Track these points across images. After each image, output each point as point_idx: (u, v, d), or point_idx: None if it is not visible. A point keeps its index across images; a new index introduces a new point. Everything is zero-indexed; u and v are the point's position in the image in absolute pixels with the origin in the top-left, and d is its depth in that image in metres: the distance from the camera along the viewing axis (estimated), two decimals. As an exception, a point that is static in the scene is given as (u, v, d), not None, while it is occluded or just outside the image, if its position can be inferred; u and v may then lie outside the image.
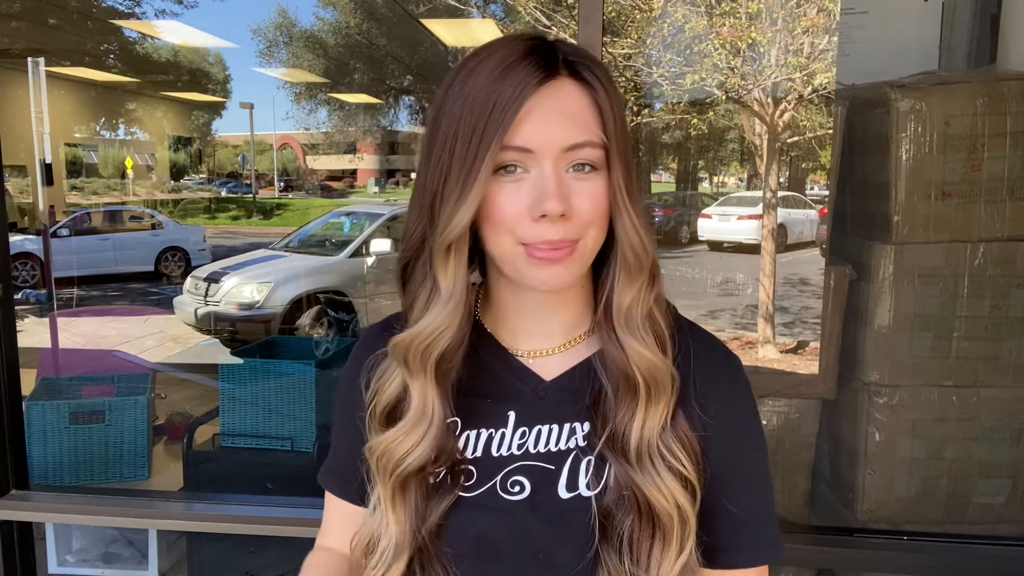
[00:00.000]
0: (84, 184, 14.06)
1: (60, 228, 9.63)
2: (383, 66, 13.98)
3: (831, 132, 1.87)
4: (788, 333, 2.10)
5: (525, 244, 0.68)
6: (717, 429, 0.74)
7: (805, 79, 2.03)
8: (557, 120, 0.67)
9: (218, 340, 6.29)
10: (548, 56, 0.68)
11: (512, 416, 0.76)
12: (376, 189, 20.55)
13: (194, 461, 2.34)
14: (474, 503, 0.74)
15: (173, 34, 13.11)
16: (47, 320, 4.78)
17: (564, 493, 0.73)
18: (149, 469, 2.45)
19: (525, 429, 0.75)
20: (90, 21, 10.71)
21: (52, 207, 9.02)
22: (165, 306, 7.69)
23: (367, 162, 21.17)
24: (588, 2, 1.47)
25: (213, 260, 8.78)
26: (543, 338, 0.77)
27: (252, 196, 18.23)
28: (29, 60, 6.27)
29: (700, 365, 0.75)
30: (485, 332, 0.79)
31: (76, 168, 14.17)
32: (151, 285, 9.82)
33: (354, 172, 21.82)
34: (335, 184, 21.15)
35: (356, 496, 0.82)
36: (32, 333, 5.60)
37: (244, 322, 6.32)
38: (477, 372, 0.76)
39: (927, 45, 2.00)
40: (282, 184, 20.52)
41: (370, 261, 6.70)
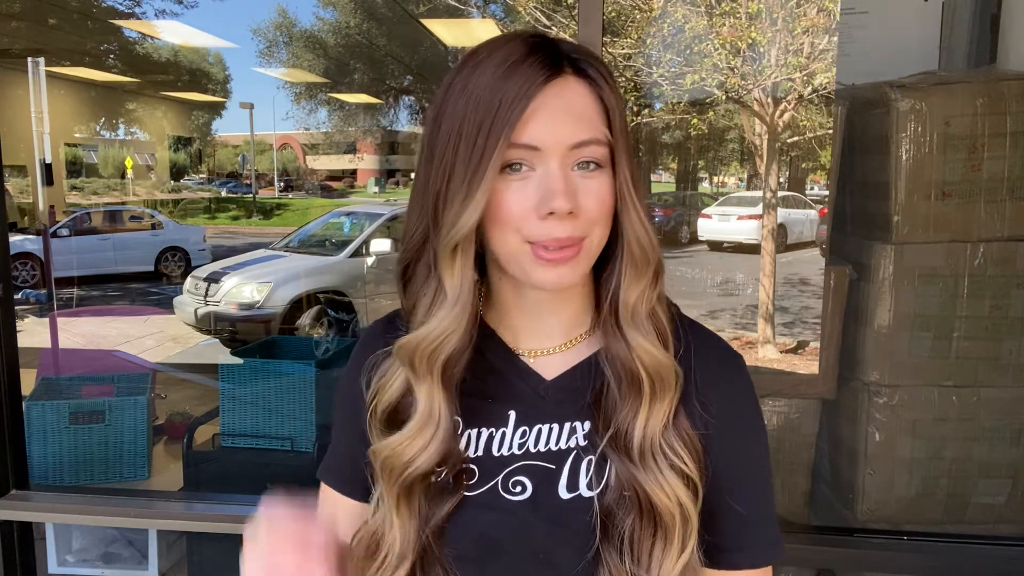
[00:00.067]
0: (84, 184, 14.05)
1: (60, 228, 9.63)
2: (383, 66, 13.97)
3: (831, 132, 1.87)
4: (788, 333, 2.09)
5: (531, 242, 0.67)
6: (719, 427, 0.73)
7: (805, 79, 2.02)
8: (563, 118, 0.66)
9: (218, 340, 6.29)
10: (552, 54, 0.68)
11: (513, 415, 0.75)
12: (376, 189, 20.54)
13: (194, 461, 2.34)
14: (476, 503, 0.73)
15: (173, 34, 13.10)
16: (47, 320, 4.77)
17: (564, 493, 0.72)
18: (149, 469, 2.45)
19: (525, 428, 0.75)
20: (90, 21, 10.71)
21: (52, 207, 9.01)
22: (165, 306, 7.69)
23: (367, 162, 21.17)
24: (588, 2, 1.47)
25: (213, 260, 8.78)
26: (544, 337, 0.77)
27: (252, 196, 18.23)
28: (29, 60, 6.27)
29: (702, 362, 0.75)
30: (489, 331, 0.78)
31: (76, 168, 14.17)
32: (151, 285, 9.82)
33: (354, 172, 21.81)
34: (335, 184, 21.14)
35: (356, 492, 0.81)
36: (32, 333, 5.60)
37: (244, 322, 6.32)
38: (479, 371, 0.75)
39: (927, 45, 2.00)
40: (282, 184, 20.50)
41: (370, 261, 6.69)
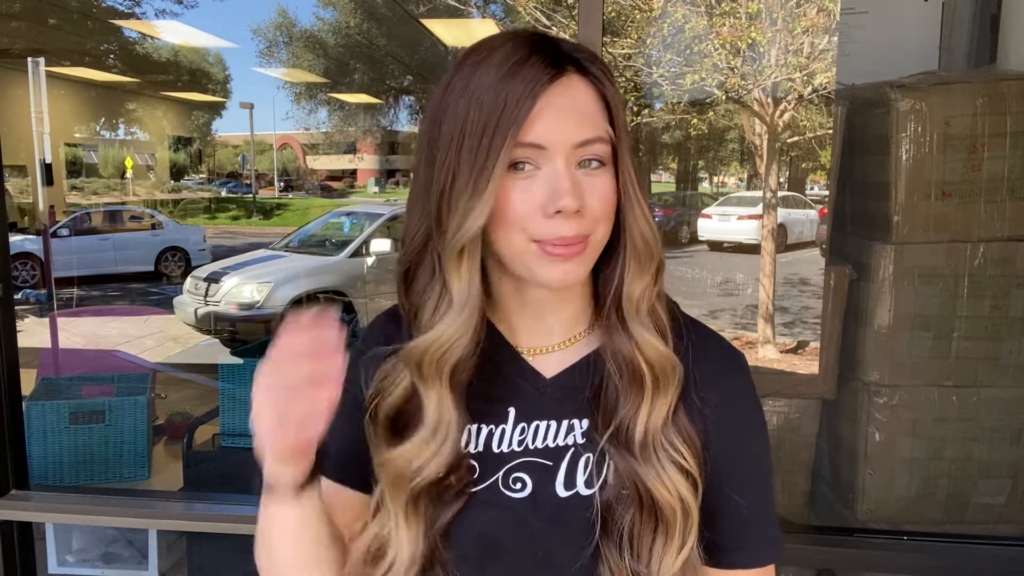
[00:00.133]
0: (84, 184, 14.06)
1: (60, 228, 9.63)
2: (383, 66, 13.98)
3: (831, 132, 1.87)
4: (788, 333, 2.09)
5: (537, 241, 0.67)
6: (718, 424, 0.73)
7: (805, 79, 2.02)
8: (568, 117, 0.67)
9: (218, 340, 6.29)
10: (554, 53, 0.68)
11: (512, 412, 0.75)
12: (376, 189, 20.55)
13: (194, 461, 2.34)
14: (477, 500, 0.73)
15: (173, 34, 13.13)
16: (47, 320, 4.77)
17: (562, 491, 0.72)
18: (149, 469, 2.45)
19: (524, 425, 0.75)
20: (90, 21, 10.72)
21: (52, 207, 9.02)
22: (165, 306, 7.69)
23: (367, 162, 21.19)
24: (588, 2, 1.47)
25: (213, 260, 8.79)
26: (544, 336, 0.77)
27: (252, 196, 18.23)
28: (29, 60, 6.28)
29: (703, 360, 0.75)
30: (492, 329, 0.78)
31: (76, 168, 14.18)
32: (151, 285, 9.82)
33: (354, 172, 21.83)
34: (335, 184, 21.16)
35: (354, 482, 0.80)
36: (32, 333, 5.60)
37: (244, 322, 6.32)
38: (481, 369, 0.75)
39: (927, 45, 2.00)
40: (282, 184, 20.51)
41: (370, 261, 6.70)
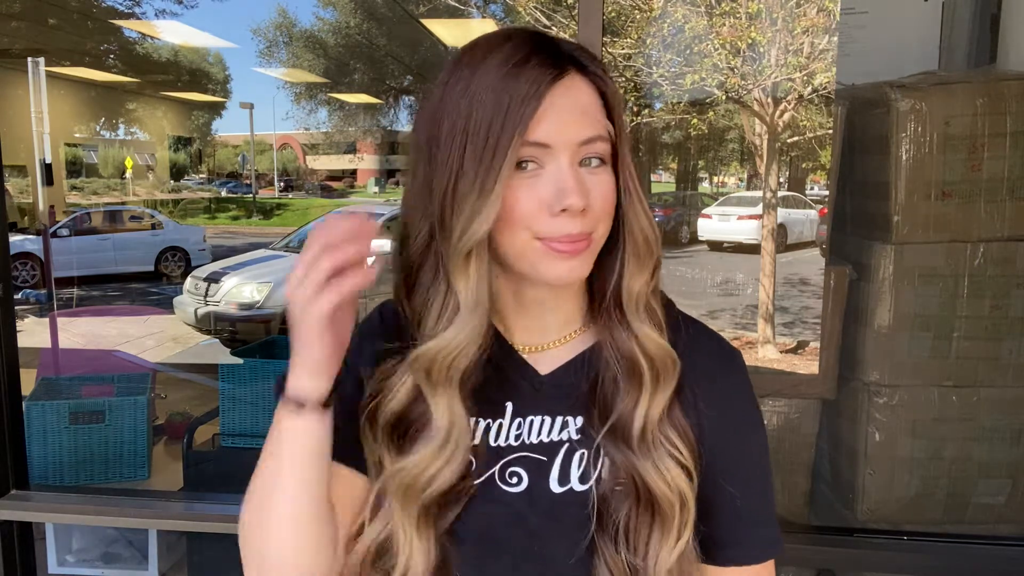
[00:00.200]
0: (84, 184, 14.07)
1: (60, 228, 9.63)
2: (383, 66, 13.98)
3: (831, 132, 1.87)
4: (788, 333, 2.10)
5: (541, 239, 0.68)
6: (714, 420, 0.74)
7: (805, 79, 2.02)
8: (572, 115, 0.67)
9: (218, 340, 6.29)
10: (555, 52, 0.68)
11: (510, 407, 0.76)
12: (376, 189, 20.55)
13: (194, 461, 2.34)
14: (475, 496, 0.73)
15: (173, 34, 13.12)
16: (47, 320, 4.77)
17: (556, 487, 0.73)
18: (149, 469, 2.45)
19: (520, 420, 0.75)
20: (90, 21, 10.72)
21: (52, 207, 9.02)
22: (165, 306, 7.70)
23: (367, 162, 21.19)
24: (588, 2, 1.47)
25: (213, 260, 8.79)
26: (540, 333, 0.77)
27: (252, 196, 18.24)
28: (29, 60, 6.28)
29: (699, 357, 0.75)
30: (489, 326, 0.77)
31: (76, 168, 14.18)
32: (151, 285, 9.82)
33: (354, 172, 21.84)
34: (335, 184, 21.17)
35: (352, 461, 0.77)
36: (32, 333, 5.60)
37: (244, 322, 6.32)
38: (480, 366, 0.74)
39: (927, 45, 2.00)
40: (282, 184, 20.52)
41: (370, 261, 6.69)
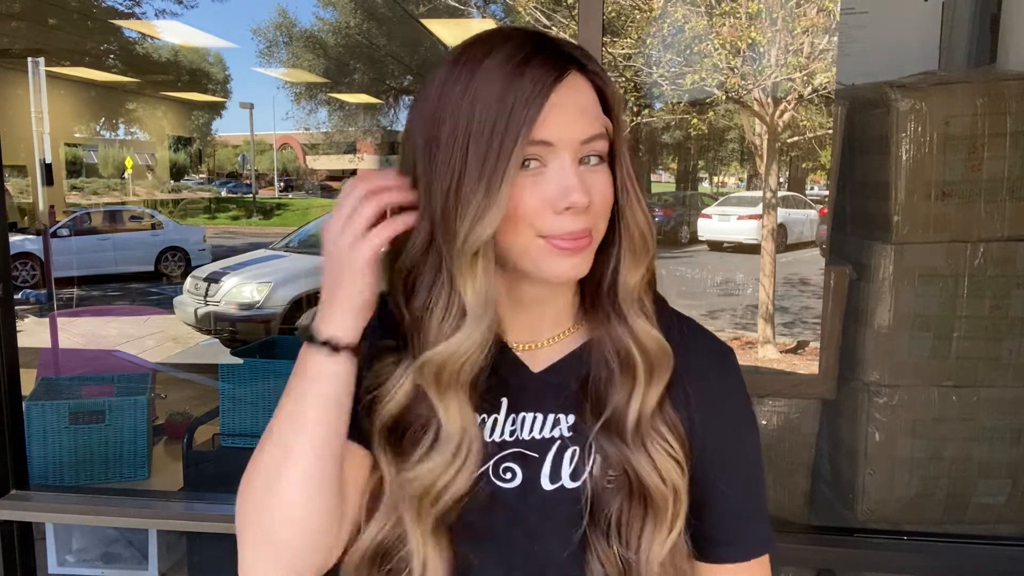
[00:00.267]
0: (84, 184, 14.08)
1: (60, 228, 9.63)
2: (383, 66, 13.98)
3: (831, 132, 1.87)
4: (788, 333, 2.10)
5: (544, 236, 0.68)
6: (707, 417, 0.75)
7: (805, 79, 2.03)
8: (574, 114, 0.68)
9: (218, 340, 6.29)
10: (555, 52, 0.69)
11: (504, 402, 0.76)
12: (376, 189, 20.51)
13: (194, 461, 2.33)
14: (473, 493, 0.73)
15: (173, 34, 13.13)
16: (47, 320, 4.77)
17: (548, 484, 0.73)
18: (149, 469, 2.45)
19: (514, 415, 0.76)
20: (90, 21, 10.72)
21: (52, 207, 9.02)
22: (165, 306, 7.70)
23: (367, 162, 21.17)
24: (588, 2, 1.47)
25: (213, 260, 8.79)
26: (533, 331, 0.78)
27: (252, 196, 18.25)
28: (29, 60, 6.29)
29: (691, 354, 0.76)
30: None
31: (76, 168, 14.19)
32: (151, 285, 9.83)
33: (354, 172, 21.83)
34: (335, 184, 21.16)
35: (352, 434, 0.75)
36: (32, 333, 5.60)
37: (244, 322, 6.32)
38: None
39: (927, 45, 2.00)
40: (282, 184, 20.53)
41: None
